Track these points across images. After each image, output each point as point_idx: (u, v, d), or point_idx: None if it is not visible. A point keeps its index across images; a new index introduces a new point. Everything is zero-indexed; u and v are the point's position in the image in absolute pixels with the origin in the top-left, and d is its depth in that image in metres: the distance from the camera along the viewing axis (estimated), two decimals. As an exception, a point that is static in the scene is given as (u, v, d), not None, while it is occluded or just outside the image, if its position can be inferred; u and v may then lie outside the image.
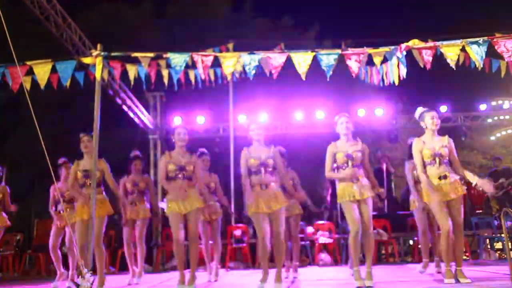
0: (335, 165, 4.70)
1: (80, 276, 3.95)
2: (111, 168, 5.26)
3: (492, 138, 18.94)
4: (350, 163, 4.59)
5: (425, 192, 4.61)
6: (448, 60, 4.57)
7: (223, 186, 6.48)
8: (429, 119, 4.65)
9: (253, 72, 4.80)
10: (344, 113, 4.81)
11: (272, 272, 4.68)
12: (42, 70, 4.96)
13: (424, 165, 4.62)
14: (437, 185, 4.50)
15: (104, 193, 5.21)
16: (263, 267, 4.71)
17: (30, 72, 5.06)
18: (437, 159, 4.54)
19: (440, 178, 4.52)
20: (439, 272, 5.51)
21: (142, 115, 11.58)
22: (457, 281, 4.38)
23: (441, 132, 4.77)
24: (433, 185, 4.50)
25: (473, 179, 4.54)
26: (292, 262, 6.05)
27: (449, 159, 4.59)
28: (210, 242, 6.02)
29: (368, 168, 4.72)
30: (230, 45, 8.11)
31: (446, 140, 4.64)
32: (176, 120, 11.55)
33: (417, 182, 5.48)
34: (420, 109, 4.77)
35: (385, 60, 4.97)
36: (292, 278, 5.78)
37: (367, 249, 4.59)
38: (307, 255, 8.72)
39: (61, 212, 5.94)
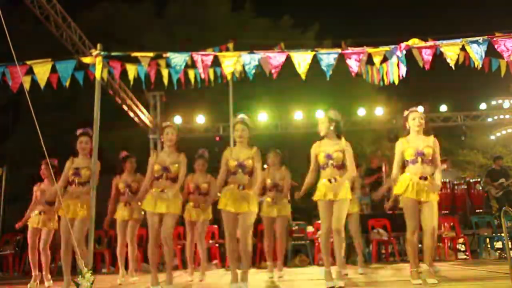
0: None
1: (80, 276, 3.94)
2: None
3: (492, 137, 18.95)
4: (330, 163, 4.57)
5: (398, 186, 4.58)
6: (448, 60, 4.56)
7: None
8: (411, 119, 4.64)
9: (253, 71, 4.80)
10: (329, 112, 4.75)
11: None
12: (42, 70, 4.96)
13: (407, 164, 4.59)
14: (415, 183, 4.48)
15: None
16: (232, 268, 4.64)
17: (30, 71, 5.05)
18: (419, 158, 4.51)
19: (421, 178, 4.50)
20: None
21: (142, 115, 11.58)
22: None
23: (441, 131, 4.76)
24: (409, 182, 4.50)
25: (437, 181, 4.52)
26: (275, 261, 6.07)
27: (432, 159, 4.54)
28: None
29: (348, 168, 4.62)
30: (230, 45, 8.10)
31: (431, 140, 4.59)
32: (176, 120, 11.56)
33: None
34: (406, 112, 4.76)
35: (385, 60, 4.96)
36: (276, 277, 5.80)
37: (337, 249, 4.55)
38: (307, 255, 8.71)
39: (41, 214, 5.87)
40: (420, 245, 5.61)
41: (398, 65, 4.83)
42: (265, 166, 6.12)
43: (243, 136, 4.69)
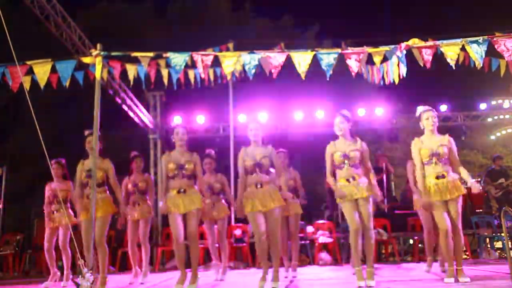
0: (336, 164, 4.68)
1: (80, 276, 3.94)
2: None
3: (492, 137, 18.91)
4: (347, 163, 4.57)
5: (423, 192, 4.61)
6: (448, 59, 4.56)
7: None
8: (425, 119, 4.66)
9: (253, 71, 4.79)
10: (342, 111, 4.74)
11: (270, 272, 4.66)
12: (42, 70, 4.96)
13: (423, 165, 4.62)
14: (434, 184, 4.50)
15: (107, 192, 5.21)
16: (263, 266, 4.67)
17: (30, 71, 5.05)
18: (434, 159, 4.53)
19: (437, 177, 4.51)
20: (444, 272, 5.52)
21: (142, 115, 11.57)
22: (457, 280, 4.39)
23: (441, 131, 4.76)
24: (429, 185, 4.51)
25: (467, 179, 4.54)
26: (291, 261, 6.06)
27: (449, 158, 4.57)
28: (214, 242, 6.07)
29: (367, 167, 4.69)
30: (230, 45, 8.10)
31: (446, 139, 4.62)
32: (176, 120, 11.57)
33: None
34: (420, 108, 4.77)
35: (385, 59, 4.96)
36: (291, 277, 5.79)
37: (367, 248, 4.56)
38: (307, 255, 8.72)
39: (54, 212, 5.97)
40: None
41: (398, 65, 4.83)
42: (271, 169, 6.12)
43: (258, 135, 4.72)
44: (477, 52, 4.49)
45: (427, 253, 6.06)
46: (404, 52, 4.67)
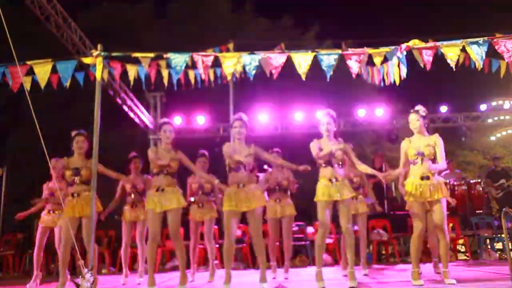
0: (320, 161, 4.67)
1: (80, 276, 3.94)
2: (110, 168, 5.28)
3: (493, 138, 18.92)
4: (333, 161, 4.58)
5: (406, 192, 4.61)
6: (448, 60, 4.57)
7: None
8: (409, 121, 4.72)
9: (253, 72, 4.79)
10: (329, 111, 4.75)
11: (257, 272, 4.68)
12: (42, 70, 4.95)
13: (410, 164, 4.62)
14: (417, 185, 4.49)
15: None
16: (226, 268, 4.62)
17: (30, 72, 5.05)
18: (420, 159, 4.52)
19: (422, 178, 4.51)
20: (438, 273, 5.50)
21: (142, 115, 11.58)
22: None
23: (441, 132, 4.78)
24: (412, 185, 4.51)
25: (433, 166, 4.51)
26: (278, 263, 6.09)
27: (434, 158, 4.57)
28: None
29: (354, 162, 4.72)
30: (230, 45, 8.09)
31: (433, 139, 4.61)
32: (176, 120, 11.56)
33: None
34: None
35: (385, 60, 4.96)
36: (283, 278, 5.79)
37: (349, 249, 4.57)
38: (307, 255, 8.71)
39: (51, 212, 5.95)
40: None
41: (398, 66, 4.83)
42: (265, 166, 6.11)
43: (242, 132, 4.73)
44: (477, 53, 4.50)
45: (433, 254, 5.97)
46: (405, 53, 4.68)
